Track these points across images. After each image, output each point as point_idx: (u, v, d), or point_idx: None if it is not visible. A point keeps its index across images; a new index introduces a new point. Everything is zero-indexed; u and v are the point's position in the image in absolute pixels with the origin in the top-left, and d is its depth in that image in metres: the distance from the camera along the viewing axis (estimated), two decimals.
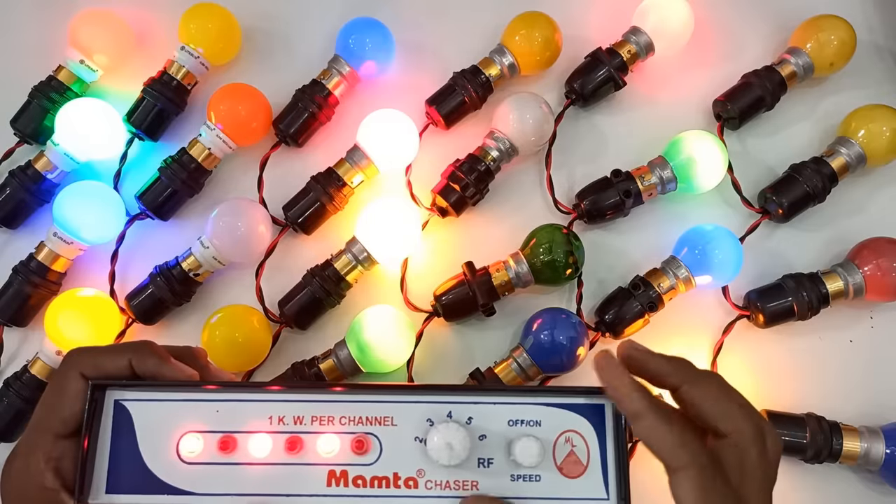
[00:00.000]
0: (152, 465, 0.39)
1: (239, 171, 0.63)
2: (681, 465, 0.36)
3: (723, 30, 0.67)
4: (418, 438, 0.40)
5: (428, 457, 0.39)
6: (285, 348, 0.60)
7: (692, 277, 0.58)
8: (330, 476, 0.39)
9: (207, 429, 0.40)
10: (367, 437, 0.40)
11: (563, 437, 0.40)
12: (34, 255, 0.58)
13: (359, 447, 0.39)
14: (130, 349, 0.41)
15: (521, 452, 0.39)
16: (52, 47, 0.63)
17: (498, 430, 0.40)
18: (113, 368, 0.40)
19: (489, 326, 0.61)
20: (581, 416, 0.40)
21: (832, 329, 0.61)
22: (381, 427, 0.40)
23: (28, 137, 0.61)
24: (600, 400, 0.40)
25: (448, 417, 0.40)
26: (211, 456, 0.39)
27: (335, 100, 0.62)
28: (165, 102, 0.61)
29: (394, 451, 0.40)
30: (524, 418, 0.40)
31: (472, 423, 0.40)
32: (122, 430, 0.40)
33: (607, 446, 0.40)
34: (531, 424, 0.40)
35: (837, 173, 0.61)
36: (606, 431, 0.40)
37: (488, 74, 0.62)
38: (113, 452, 0.39)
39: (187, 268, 0.58)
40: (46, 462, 0.39)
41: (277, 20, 0.66)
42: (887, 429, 0.56)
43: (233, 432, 0.40)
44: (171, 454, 0.39)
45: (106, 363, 0.40)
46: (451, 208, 0.60)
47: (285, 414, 0.40)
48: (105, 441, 0.39)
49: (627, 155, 0.63)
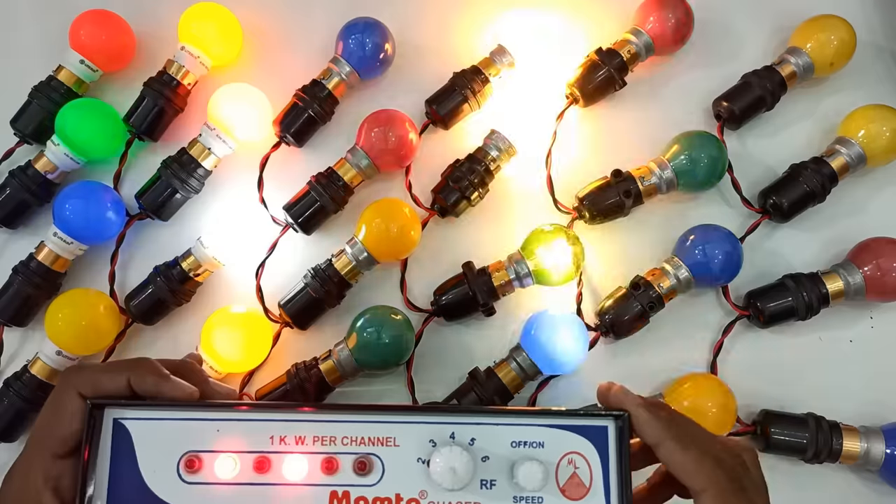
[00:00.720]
0: (153, 485, 0.39)
1: (239, 171, 0.63)
2: (702, 488, 0.38)
3: (723, 30, 0.67)
4: (421, 459, 0.39)
5: (430, 479, 0.39)
6: (285, 348, 0.60)
7: (692, 277, 0.58)
8: (332, 497, 0.39)
9: (208, 448, 0.39)
10: (369, 457, 0.40)
11: (565, 458, 0.40)
12: (34, 255, 0.58)
13: (361, 468, 0.39)
14: (129, 368, 0.41)
15: (523, 476, 0.39)
16: (52, 47, 0.63)
17: (501, 451, 0.40)
18: (111, 387, 0.40)
19: (489, 326, 0.61)
20: (584, 438, 0.40)
21: (832, 329, 0.61)
22: (383, 448, 0.40)
23: (28, 137, 0.61)
24: (603, 422, 0.40)
25: (451, 438, 0.40)
26: (212, 476, 0.39)
27: (335, 100, 0.62)
28: (165, 102, 0.61)
29: (396, 473, 0.40)
30: (527, 440, 0.40)
31: (475, 445, 0.40)
32: (121, 449, 0.39)
33: (610, 468, 0.40)
34: (534, 446, 0.40)
35: (837, 173, 0.61)
36: (609, 453, 0.40)
37: (488, 74, 0.62)
38: (112, 471, 0.39)
39: (187, 268, 0.58)
40: (45, 482, 0.39)
41: (277, 20, 0.66)
42: (887, 429, 0.56)
43: (234, 452, 0.39)
44: (171, 474, 0.39)
45: (104, 382, 0.40)
46: (451, 208, 0.60)
47: (287, 434, 0.40)
48: (104, 460, 0.39)
49: (627, 155, 0.63)
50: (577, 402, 0.59)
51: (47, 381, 0.57)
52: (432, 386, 0.60)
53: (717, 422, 0.56)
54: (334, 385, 0.57)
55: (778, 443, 0.56)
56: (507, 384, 0.56)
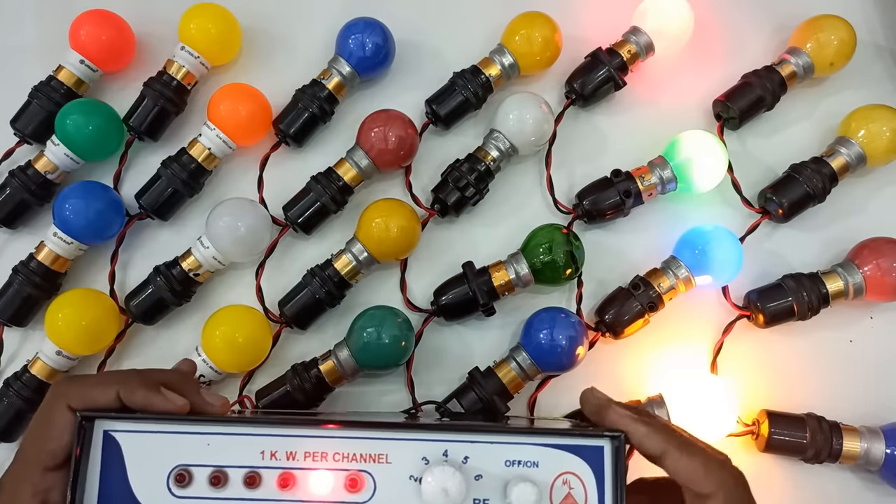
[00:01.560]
0: (143, 498, 0.38)
1: (239, 171, 0.63)
2: (711, 492, 0.38)
3: (723, 30, 0.67)
4: (413, 477, 0.39)
5: (422, 498, 0.38)
6: (285, 348, 0.60)
7: (692, 277, 0.58)
8: None
9: (199, 462, 0.39)
10: (360, 474, 0.39)
11: (560, 479, 0.39)
12: (34, 255, 0.58)
13: (352, 485, 0.39)
14: (119, 380, 0.40)
15: (517, 497, 0.38)
16: (52, 47, 0.63)
17: (494, 470, 0.39)
18: (101, 400, 0.39)
19: (489, 326, 0.61)
20: (579, 458, 0.39)
21: (832, 329, 0.61)
22: (375, 464, 0.39)
23: (28, 137, 0.61)
24: (599, 442, 0.40)
25: (444, 456, 0.39)
26: (202, 490, 0.39)
27: (335, 100, 0.62)
28: (165, 102, 0.61)
29: (388, 490, 0.39)
30: (521, 459, 0.39)
31: (469, 463, 0.39)
32: (111, 462, 0.39)
33: (605, 490, 0.39)
34: (528, 465, 0.39)
35: (837, 173, 0.61)
36: (605, 474, 0.39)
37: (488, 74, 0.62)
38: (102, 485, 0.38)
39: (187, 268, 0.58)
40: (34, 496, 0.38)
41: (277, 20, 0.66)
42: (887, 429, 0.56)
43: (224, 467, 0.39)
44: (161, 487, 0.39)
45: (94, 395, 0.40)
46: (451, 208, 0.60)
47: (278, 449, 0.39)
48: (94, 473, 0.38)
49: (627, 155, 0.63)
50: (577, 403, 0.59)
51: (47, 381, 0.57)
52: (432, 386, 0.60)
53: (717, 422, 0.56)
54: (334, 385, 0.57)
55: (778, 443, 0.56)
56: (506, 384, 0.56)
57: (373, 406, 0.60)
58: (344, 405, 0.60)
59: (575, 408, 0.59)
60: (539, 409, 0.60)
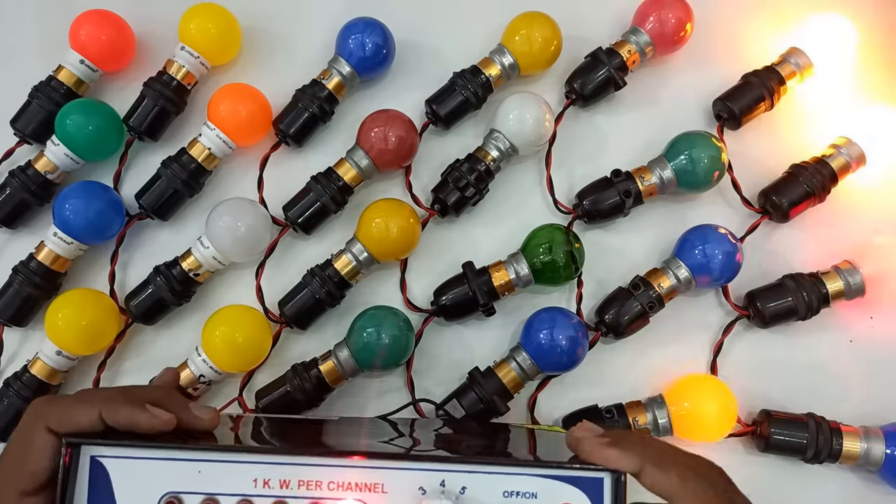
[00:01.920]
0: None
1: (239, 171, 0.63)
2: None
3: (723, 30, 0.67)
4: None
5: None
6: (285, 348, 0.61)
7: (692, 277, 0.58)
8: None
9: (190, 490, 0.38)
10: None
11: None
12: (34, 255, 0.58)
13: None
14: (101, 400, 0.39)
15: None
16: (52, 47, 0.63)
17: (492, 501, 0.39)
18: (83, 421, 0.38)
19: (489, 326, 0.61)
20: (578, 490, 0.39)
21: (832, 329, 0.61)
22: (371, 494, 0.38)
23: (28, 137, 0.61)
24: (599, 473, 0.39)
25: (441, 486, 0.38)
26: None
27: (335, 100, 0.62)
28: (165, 102, 0.61)
29: None
30: (520, 490, 0.39)
31: (466, 493, 0.38)
32: (98, 489, 0.37)
33: None
34: (527, 497, 0.39)
35: (837, 173, 0.61)
36: None
37: (488, 74, 0.62)
38: None
39: (187, 268, 0.58)
40: None
41: (277, 20, 0.66)
42: (887, 429, 0.56)
43: (216, 494, 0.38)
44: None
45: (75, 415, 0.38)
46: (451, 208, 0.60)
47: (271, 477, 0.38)
48: (81, 500, 0.37)
49: (627, 155, 0.63)
50: (577, 403, 0.59)
51: (47, 381, 0.57)
52: (432, 386, 0.60)
53: (717, 422, 0.56)
54: (334, 385, 0.57)
55: (778, 443, 0.56)
56: (506, 384, 0.56)
57: (372, 406, 0.60)
58: (344, 405, 0.60)
59: (575, 408, 0.59)
60: (539, 409, 0.60)
